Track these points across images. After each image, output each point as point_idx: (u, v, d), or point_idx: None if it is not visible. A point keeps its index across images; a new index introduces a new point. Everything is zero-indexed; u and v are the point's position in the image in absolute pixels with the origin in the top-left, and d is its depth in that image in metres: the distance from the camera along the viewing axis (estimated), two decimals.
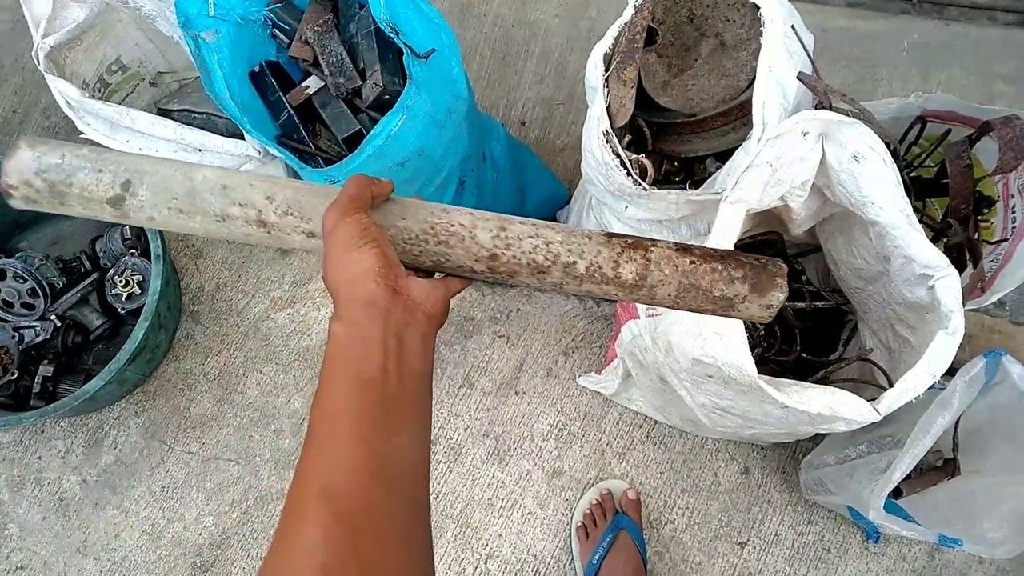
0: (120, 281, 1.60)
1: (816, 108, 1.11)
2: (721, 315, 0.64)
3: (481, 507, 1.52)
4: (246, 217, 0.61)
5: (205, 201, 0.60)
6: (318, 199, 0.62)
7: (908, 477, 1.23)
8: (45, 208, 0.60)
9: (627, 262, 0.61)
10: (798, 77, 1.07)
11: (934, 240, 1.27)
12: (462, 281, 0.66)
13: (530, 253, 0.61)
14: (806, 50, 1.14)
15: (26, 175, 0.58)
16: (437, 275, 0.66)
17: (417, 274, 0.61)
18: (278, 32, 1.38)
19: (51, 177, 0.58)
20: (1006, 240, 1.26)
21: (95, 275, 1.64)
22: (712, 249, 0.63)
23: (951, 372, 1.10)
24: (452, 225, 0.62)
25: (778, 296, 0.62)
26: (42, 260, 1.61)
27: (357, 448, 0.51)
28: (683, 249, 0.62)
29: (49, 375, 1.56)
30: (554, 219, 1.92)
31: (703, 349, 0.95)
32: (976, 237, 1.26)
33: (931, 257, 0.95)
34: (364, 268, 0.56)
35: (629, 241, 0.62)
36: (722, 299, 0.62)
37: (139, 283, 1.60)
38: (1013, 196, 1.26)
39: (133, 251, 1.63)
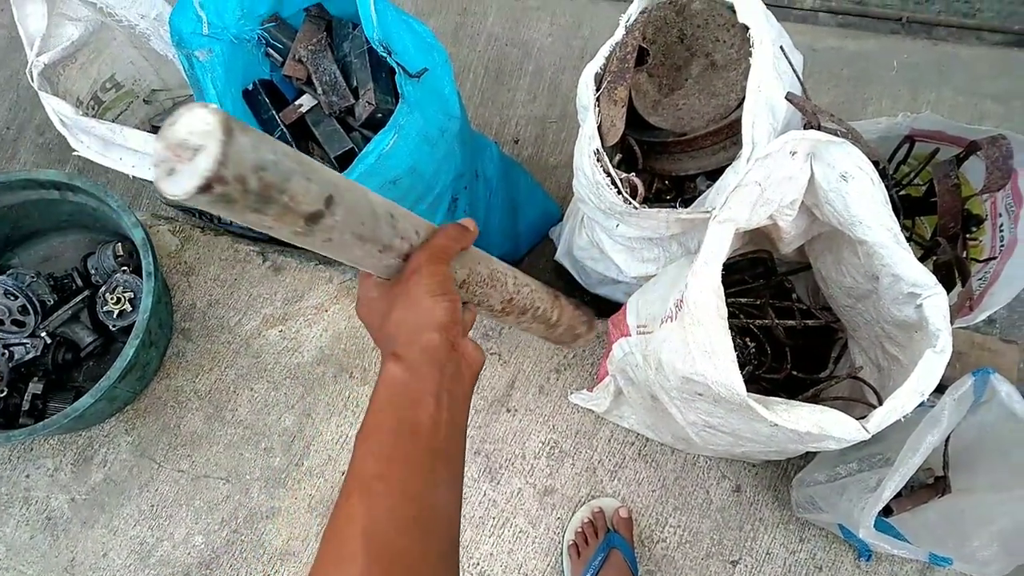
0: (111, 298, 1.60)
1: (805, 128, 1.12)
2: (565, 345, 0.94)
3: (472, 525, 1.52)
4: (398, 250, 0.59)
5: (380, 230, 0.56)
6: None
7: (899, 495, 1.23)
8: (232, 212, 0.46)
9: (555, 309, 0.85)
10: (786, 97, 1.08)
11: (923, 258, 1.28)
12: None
13: (525, 298, 0.78)
14: (795, 70, 1.15)
15: (244, 169, 0.43)
16: None
17: None
18: (272, 51, 1.39)
19: (268, 178, 0.45)
20: (994, 259, 1.27)
21: (86, 292, 1.63)
22: (571, 298, 0.90)
23: (941, 390, 1.11)
24: (499, 272, 0.74)
25: (592, 336, 0.95)
26: (33, 277, 1.60)
27: (401, 495, 0.54)
28: (566, 296, 0.89)
29: (39, 392, 1.55)
30: (546, 237, 1.93)
31: (692, 367, 0.95)
32: (965, 255, 1.27)
33: (919, 276, 0.95)
34: (434, 318, 0.58)
35: (551, 292, 0.85)
36: (575, 335, 0.91)
37: (130, 300, 1.60)
38: (1000, 215, 1.27)
39: (125, 268, 1.63)
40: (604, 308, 1.72)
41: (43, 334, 1.57)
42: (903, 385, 0.92)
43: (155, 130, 1.60)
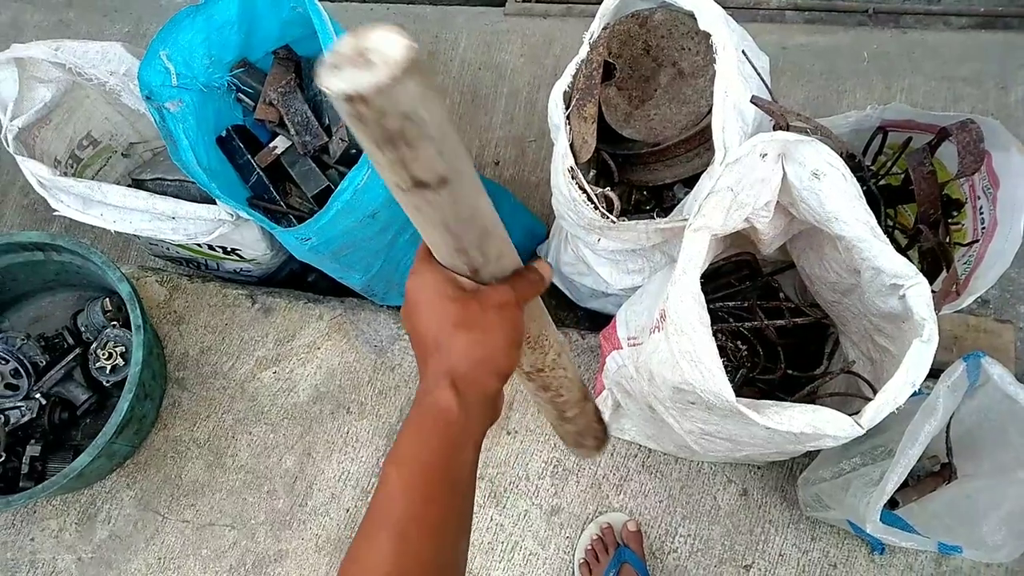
0: (103, 354, 1.60)
1: (774, 129, 1.13)
2: (564, 441, 0.86)
3: (482, 552, 1.51)
4: (471, 261, 0.56)
5: (468, 233, 0.54)
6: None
7: (905, 485, 1.22)
8: (358, 132, 0.45)
9: (576, 407, 0.78)
10: (752, 101, 1.09)
11: (908, 247, 1.28)
12: None
13: (553, 379, 0.74)
14: (759, 73, 1.16)
15: (392, 108, 0.42)
16: None
17: None
18: (243, 96, 1.40)
19: (409, 130, 0.44)
20: (977, 241, 1.27)
21: (78, 350, 1.63)
22: (600, 413, 0.85)
23: (938, 376, 1.11)
24: (546, 340, 0.70)
25: (597, 456, 0.97)
26: (24, 339, 1.60)
27: (433, 547, 0.51)
28: (596, 408, 0.83)
29: (37, 455, 1.54)
30: (534, 255, 1.93)
31: (681, 377, 0.95)
32: (948, 240, 1.27)
33: (899, 267, 0.95)
34: (504, 366, 0.55)
35: (584, 391, 0.79)
36: (580, 444, 0.84)
37: (122, 354, 1.60)
38: (980, 198, 1.28)
39: (114, 323, 1.63)
40: (597, 322, 1.72)
41: (37, 395, 1.57)
42: (894, 377, 0.91)
43: (136, 183, 1.61)
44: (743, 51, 1.14)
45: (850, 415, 0.92)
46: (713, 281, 1.34)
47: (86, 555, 1.61)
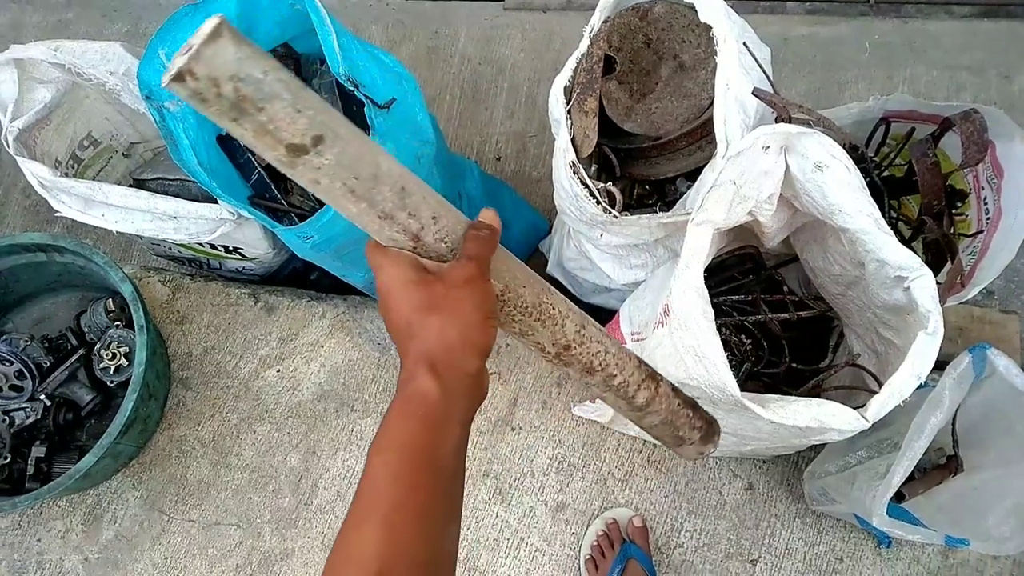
0: (107, 354, 1.60)
1: (776, 121, 1.12)
2: (665, 444, 0.78)
3: (487, 549, 1.51)
4: (406, 227, 0.56)
5: (381, 195, 0.54)
6: None
7: (911, 478, 1.21)
8: (209, 114, 0.48)
9: (644, 389, 0.71)
10: (753, 93, 1.08)
11: (912, 238, 1.27)
12: None
13: (592, 355, 0.67)
14: (760, 65, 1.15)
15: (218, 73, 0.45)
16: None
17: None
18: None
19: (244, 90, 0.46)
20: (981, 232, 1.26)
21: (81, 351, 1.63)
22: (687, 397, 0.76)
23: (943, 368, 1.10)
24: (554, 308, 0.65)
25: (710, 449, 0.77)
26: (27, 341, 1.60)
27: (421, 534, 0.50)
28: (675, 390, 0.74)
29: (42, 456, 1.55)
30: (536, 251, 1.93)
31: (686, 372, 0.94)
32: (952, 231, 1.26)
33: (904, 259, 0.95)
34: (482, 343, 0.55)
35: (649, 371, 0.72)
36: (679, 437, 0.75)
37: (126, 355, 1.60)
38: (984, 188, 1.27)
39: (118, 323, 1.63)
40: (600, 317, 1.72)
41: (42, 397, 1.57)
42: (899, 370, 0.91)
43: (137, 183, 1.60)
44: (744, 43, 1.14)
45: (855, 408, 0.91)
46: (716, 275, 1.33)
47: (93, 555, 1.61)
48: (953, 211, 1.29)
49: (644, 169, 1.30)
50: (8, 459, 1.53)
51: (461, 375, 0.54)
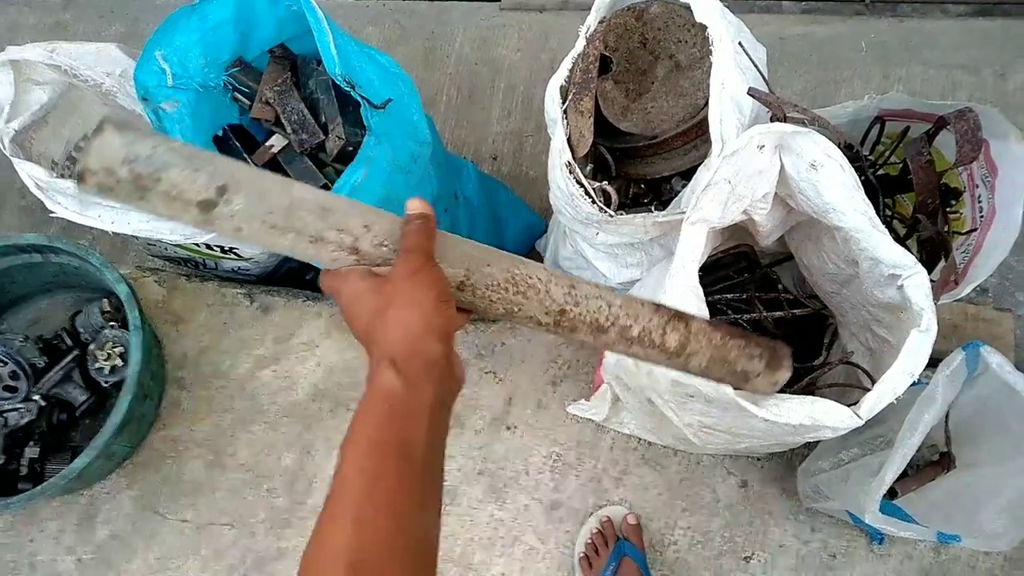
0: (102, 355, 1.59)
1: (771, 120, 1.12)
2: (735, 387, 0.73)
3: (482, 547, 1.51)
4: (340, 243, 0.58)
5: (302, 220, 0.57)
6: None
7: (904, 475, 1.22)
8: (120, 200, 0.53)
9: (672, 331, 0.66)
10: (748, 92, 1.09)
11: (906, 236, 1.28)
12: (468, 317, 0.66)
13: (594, 313, 0.64)
14: (756, 64, 1.16)
15: (110, 162, 0.50)
16: None
17: None
18: (239, 95, 1.39)
19: (138, 168, 0.51)
20: (975, 230, 1.27)
21: (76, 351, 1.62)
22: (734, 328, 0.71)
23: (937, 366, 1.11)
24: (531, 278, 0.64)
25: (784, 375, 0.71)
26: (22, 341, 1.60)
27: (392, 523, 0.50)
28: (713, 325, 0.69)
29: (36, 456, 1.54)
30: (533, 250, 1.93)
31: None
32: (947, 229, 1.27)
33: (898, 257, 0.95)
34: (439, 326, 0.55)
35: (673, 312, 0.67)
36: (741, 372, 0.70)
37: (121, 355, 1.59)
38: (978, 186, 1.27)
39: (113, 324, 1.63)
40: None
41: (36, 397, 1.56)
42: (892, 367, 0.91)
43: None
44: (740, 42, 1.14)
45: (849, 406, 0.92)
46: (711, 274, 1.34)
47: (86, 556, 1.61)
48: (947, 209, 1.29)
49: (640, 168, 1.30)
50: (2, 460, 1.52)
51: (423, 362, 0.55)
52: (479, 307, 0.64)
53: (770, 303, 1.30)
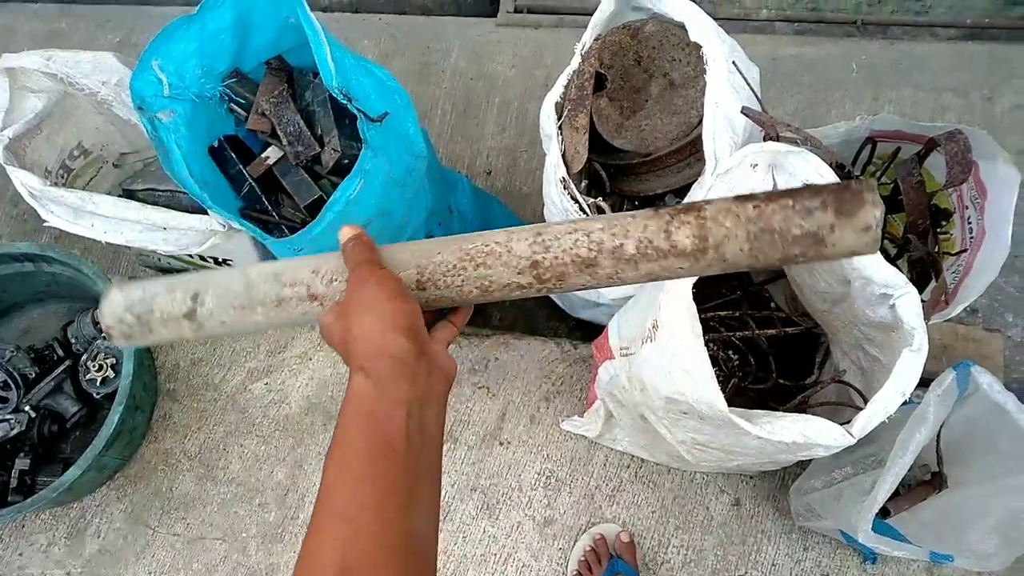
0: (94, 366, 1.59)
1: (765, 140, 1.13)
2: (815, 258, 0.54)
3: (475, 564, 1.50)
4: (298, 295, 0.63)
5: (260, 291, 0.63)
6: None
7: (896, 494, 1.22)
8: (140, 341, 0.66)
9: (679, 227, 0.55)
10: (742, 111, 1.10)
11: (897, 256, 1.29)
12: (463, 316, 0.67)
13: (572, 249, 0.57)
14: (749, 84, 1.17)
15: (118, 314, 0.64)
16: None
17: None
18: (235, 106, 1.40)
19: (137, 310, 0.64)
20: (965, 251, 1.28)
21: (68, 362, 1.62)
22: (776, 190, 0.57)
23: (928, 385, 1.11)
24: (487, 245, 0.60)
25: (873, 213, 0.51)
26: (13, 351, 1.59)
27: (379, 522, 0.51)
28: (742, 198, 0.55)
29: (26, 468, 1.53)
30: None
31: (673, 387, 0.95)
32: (937, 250, 1.28)
33: (889, 276, 0.96)
34: (398, 321, 0.56)
35: (678, 208, 0.56)
36: (805, 236, 0.53)
37: (113, 366, 1.59)
38: (967, 207, 1.29)
39: (105, 335, 1.62)
40: (589, 332, 1.72)
41: (27, 408, 1.55)
42: (884, 386, 0.92)
43: (127, 194, 1.60)
44: (733, 62, 1.15)
45: (841, 424, 0.92)
46: (705, 291, 1.34)
47: (75, 570, 1.59)
48: (938, 230, 1.31)
49: (634, 185, 1.31)
50: None
51: (390, 360, 0.55)
52: (451, 298, 0.62)
53: (763, 321, 1.31)
